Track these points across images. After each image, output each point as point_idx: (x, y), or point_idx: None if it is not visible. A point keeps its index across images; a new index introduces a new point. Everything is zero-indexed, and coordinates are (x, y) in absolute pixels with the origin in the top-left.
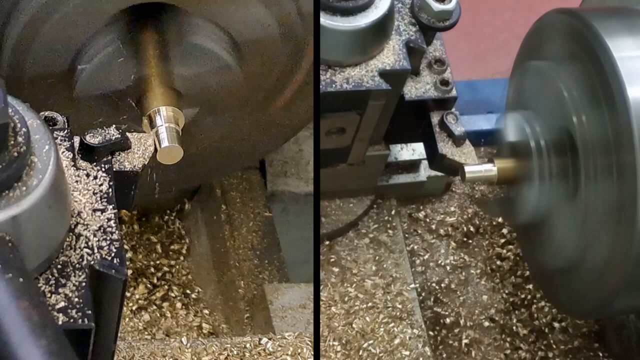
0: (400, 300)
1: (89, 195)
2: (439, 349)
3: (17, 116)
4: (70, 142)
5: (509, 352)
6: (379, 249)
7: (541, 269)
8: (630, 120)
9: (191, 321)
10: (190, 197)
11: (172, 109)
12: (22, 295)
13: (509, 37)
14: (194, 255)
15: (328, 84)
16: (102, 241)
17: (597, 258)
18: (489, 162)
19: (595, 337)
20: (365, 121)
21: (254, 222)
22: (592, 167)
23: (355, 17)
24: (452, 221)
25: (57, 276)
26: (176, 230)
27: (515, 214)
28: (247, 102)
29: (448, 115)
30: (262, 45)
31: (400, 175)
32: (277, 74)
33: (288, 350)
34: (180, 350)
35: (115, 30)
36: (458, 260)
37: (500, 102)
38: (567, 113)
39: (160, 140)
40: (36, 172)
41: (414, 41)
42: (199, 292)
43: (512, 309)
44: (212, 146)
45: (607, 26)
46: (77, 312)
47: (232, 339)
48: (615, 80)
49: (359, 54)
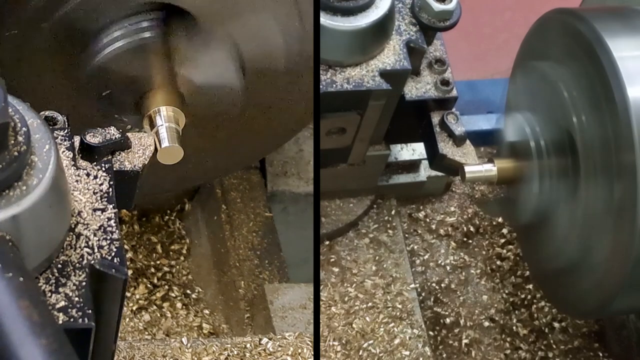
0: (400, 300)
1: (89, 195)
2: (439, 349)
3: (18, 115)
4: (70, 141)
5: (509, 352)
6: (379, 249)
7: (541, 269)
8: (630, 121)
9: (191, 321)
10: (191, 197)
11: (172, 109)
12: (23, 294)
13: (509, 37)
14: (194, 255)
15: (329, 84)
16: (102, 240)
17: (597, 258)
18: (489, 162)
19: (595, 337)
20: (365, 121)
21: (254, 222)
22: (592, 167)
23: (356, 17)
24: (452, 221)
25: (57, 275)
26: (176, 231)
27: (515, 214)
28: (239, 119)
29: (448, 115)
30: (266, 61)
31: (400, 175)
32: (274, 92)
33: (288, 351)
34: (180, 350)
35: (133, 24)
36: (458, 260)
37: (500, 102)
38: (567, 113)
39: (161, 140)
40: (36, 171)
41: (414, 41)
42: (199, 292)
43: (512, 309)
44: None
45: (607, 26)
46: (78, 311)
47: (233, 339)
48: (615, 80)
49: (360, 54)
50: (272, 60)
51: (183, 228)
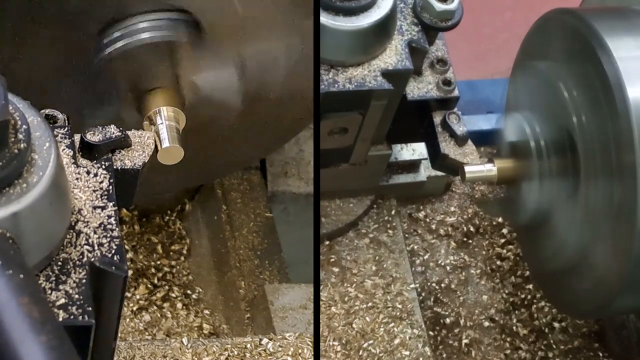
0: (400, 300)
1: (89, 193)
2: (439, 349)
3: (18, 113)
4: (70, 139)
5: (509, 352)
6: (379, 249)
7: (541, 269)
8: (630, 120)
9: (192, 321)
10: (191, 197)
11: (173, 109)
12: (23, 291)
13: (509, 37)
14: (195, 255)
15: (330, 83)
16: (102, 238)
17: (597, 258)
18: (489, 162)
19: (595, 337)
20: (367, 121)
21: (255, 223)
22: (592, 167)
23: (358, 17)
24: (452, 221)
25: (57, 273)
26: (177, 231)
27: (515, 214)
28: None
29: (450, 115)
30: (266, 76)
31: (400, 175)
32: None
33: (289, 351)
34: (180, 350)
35: (149, 21)
36: (458, 260)
37: (500, 102)
38: (567, 113)
39: (161, 140)
40: (37, 169)
41: (416, 41)
42: (200, 293)
43: (512, 309)
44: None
45: (607, 26)
46: (78, 308)
47: (233, 340)
48: (615, 80)
49: (362, 54)
50: (274, 74)
51: (183, 228)
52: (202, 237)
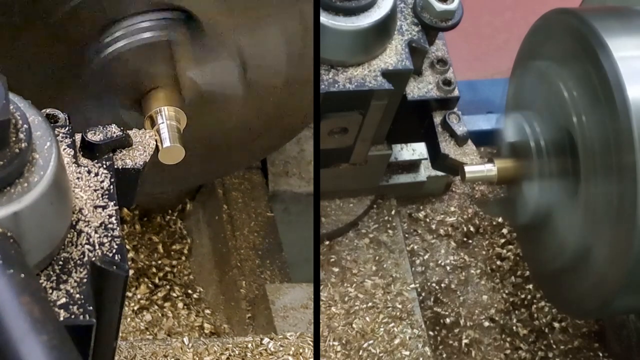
0: (400, 300)
1: (90, 192)
2: (439, 349)
3: (19, 113)
4: (71, 139)
5: (509, 352)
6: (379, 249)
7: (541, 269)
8: (630, 121)
9: (193, 321)
10: (192, 197)
11: (174, 109)
12: (24, 290)
13: (509, 37)
14: (196, 255)
15: (331, 83)
16: (103, 238)
17: (597, 258)
18: (489, 162)
19: (595, 337)
20: (367, 121)
21: (256, 222)
22: (592, 167)
23: (358, 17)
24: (452, 221)
25: (58, 272)
26: (178, 230)
27: (515, 214)
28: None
29: (450, 115)
30: (267, 73)
31: (401, 175)
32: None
33: (290, 351)
34: (181, 350)
35: (147, 21)
36: (458, 260)
37: (500, 102)
38: (567, 113)
39: (162, 139)
40: (37, 168)
41: (416, 41)
42: (201, 292)
43: (512, 309)
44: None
45: (607, 26)
46: (79, 308)
47: (234, 339)
48: (615, 80)
49: (362, 54)
50: (274, 72)
51: (184, 228)
52: (203, 237)
